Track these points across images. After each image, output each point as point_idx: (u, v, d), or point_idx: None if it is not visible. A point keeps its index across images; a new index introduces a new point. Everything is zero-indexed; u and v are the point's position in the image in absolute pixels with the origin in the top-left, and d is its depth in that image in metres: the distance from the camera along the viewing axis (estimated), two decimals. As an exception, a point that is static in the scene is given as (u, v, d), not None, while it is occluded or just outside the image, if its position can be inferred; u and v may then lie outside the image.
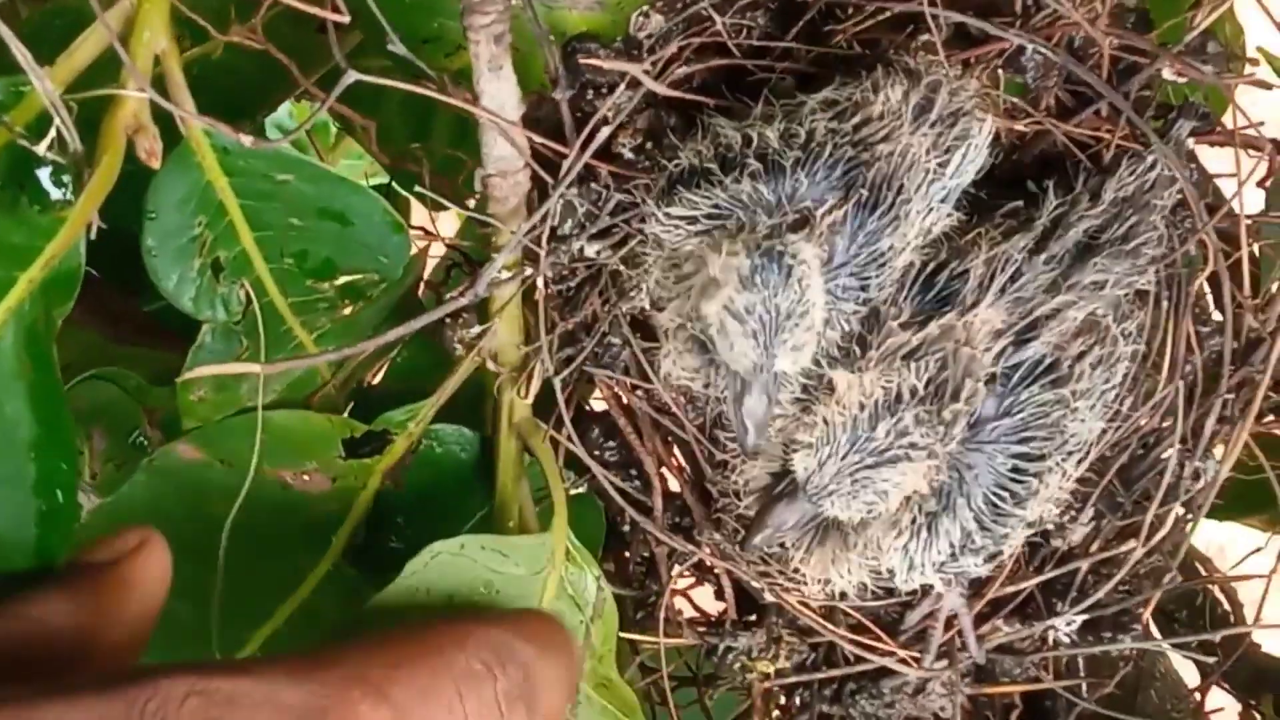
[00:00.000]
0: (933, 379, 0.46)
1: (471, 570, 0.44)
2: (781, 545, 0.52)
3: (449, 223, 0.81)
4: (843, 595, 0.53)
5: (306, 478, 0.50)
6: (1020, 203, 0.51)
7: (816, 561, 0.51)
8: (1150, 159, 0.52)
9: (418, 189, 0.52)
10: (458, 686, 0.32)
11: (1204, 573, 0.66)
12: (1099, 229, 0.50)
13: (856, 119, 0.48)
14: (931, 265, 0.48)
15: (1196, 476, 0.54)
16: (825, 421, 0.47)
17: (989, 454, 0.48)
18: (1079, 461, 0.50)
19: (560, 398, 0.51)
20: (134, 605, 0.38)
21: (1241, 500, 0.59)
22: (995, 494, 0.48)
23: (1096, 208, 0.51)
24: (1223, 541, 0.79)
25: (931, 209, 0.49)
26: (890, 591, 0.55)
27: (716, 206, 0.47)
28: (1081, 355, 0.49)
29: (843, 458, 0.46)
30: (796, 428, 0.48)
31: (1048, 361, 0.48)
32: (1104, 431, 0.53)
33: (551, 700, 0.35)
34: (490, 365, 0.51)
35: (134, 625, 0.38)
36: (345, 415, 0.52)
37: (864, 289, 0.47)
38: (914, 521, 0.48)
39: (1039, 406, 0.48)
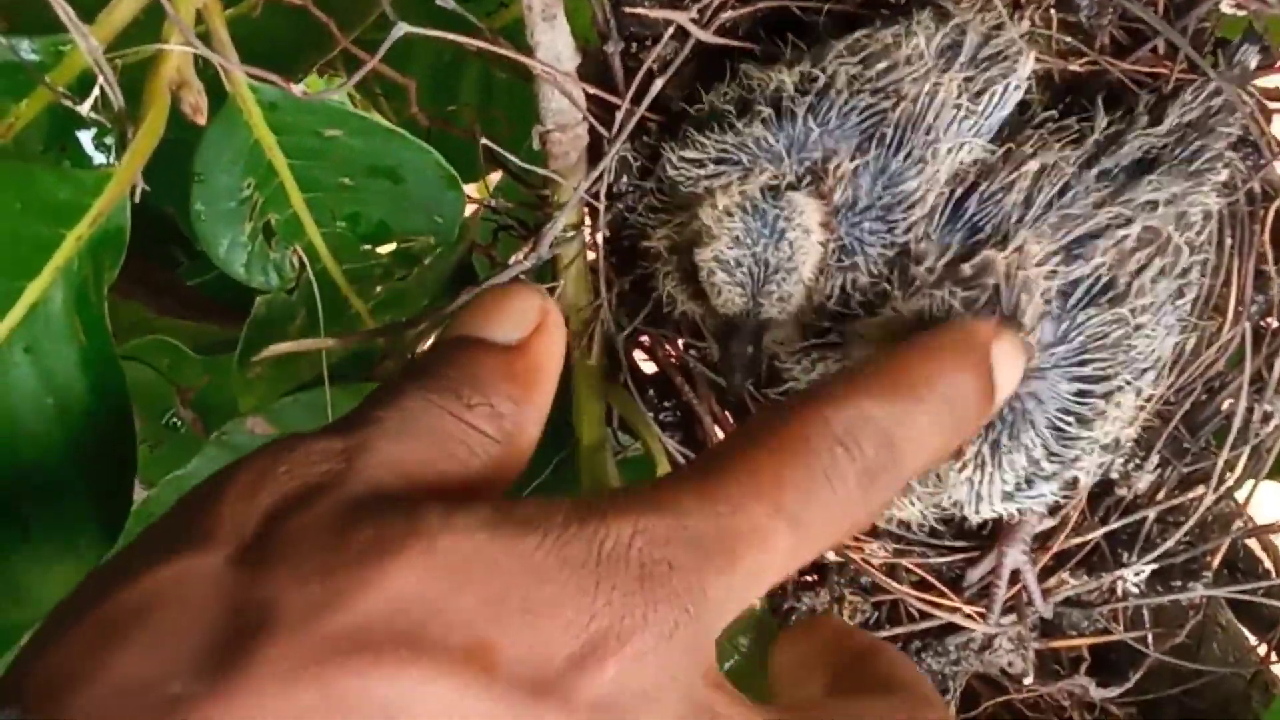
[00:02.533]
0: (968, 302, 0.45)
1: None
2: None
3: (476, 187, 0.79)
4: (906, 543, 0.52)
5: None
6: (1051, 113, 0.50)
7: None
8: (1214, 84, 0.51)
9: (483, 143, 0.50)
10: (829, 478, 0.29)
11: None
12: (1158, 148, 0.49)
13: (882, 64, 0.47)
14: (960, 190, 0.47)
15: (1266, 419, 0.53)
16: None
17: (1050, 380, 0.46)
18: (1157, 378, 0.49)
19: (622, 357, 0.50)
20: (539, 405, 0.32)
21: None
22: (1060, 419, 0.47)
23: (1158, 128, 0.50)
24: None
25: (963, 145, 0.48)
26: (954, 535, 0.54)
27: (724, 151, 0.47)
28: (1141, 269, 0.47)
29: None
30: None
31: (1103, 280, 0.46)
32: (1173, 365, 0.52)
33: (925, 448, 0.32)
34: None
35: (538, 430, 0.33)
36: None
37: (890, 231, 0.47)
38: (977, 453, 0.47)
39: (1098, 327, 0.46)
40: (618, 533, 0.27)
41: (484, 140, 0.52)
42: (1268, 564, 0.69)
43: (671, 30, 0.51)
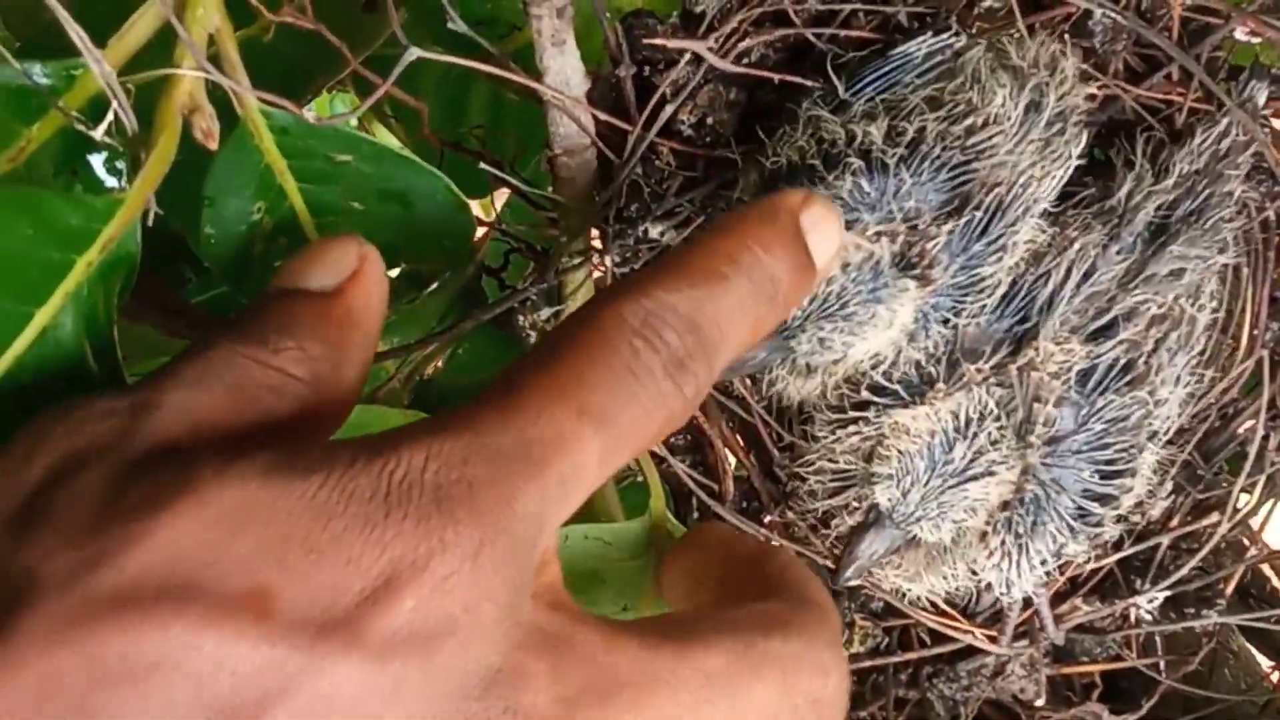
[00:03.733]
0: (1001, 401, 0.45)
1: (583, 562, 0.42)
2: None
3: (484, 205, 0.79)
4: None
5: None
6: (1091, 191, 0.50)
7: (900, 570, 0.49)
8: (1222, 124, 0.51)
9: (486, 168, 0.50)
10: (633, 372, 0.28)
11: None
12: (1170, 205, 0.49)
13: (967, 123, 0.46)
14: (1011, 278, 0.47)
15: (1281, 447, 0.53)
16: (900, 452, 0.46)
17: (1072, 466, 0.46)
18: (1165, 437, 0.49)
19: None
20: (358, 347, 0.32)
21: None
22: (1083, 506, 0.47)
23: (1164, 181, 0.49)
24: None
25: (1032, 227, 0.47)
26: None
27: None
28: (1158, 345, 0.47)
29: (926, 484, 0.45)
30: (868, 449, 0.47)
31: (1122, 362, 0.46)
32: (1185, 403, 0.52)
33: (735, 329, 0.30)
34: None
35: (358, 373, 0.32)
36: (407, 408, 0.51)
37: (956, 313, 0.46)
38: (1001, 543, 0.47)
39: (1118, 411, 0.46)
40: (409, 460, 0.25)
41: (491, 163, 0.52)
42: (1276, 583, 0.69)
43: (686, 58, 0.51)
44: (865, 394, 0.47)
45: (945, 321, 0.46)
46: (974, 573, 0.48)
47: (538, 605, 0.26)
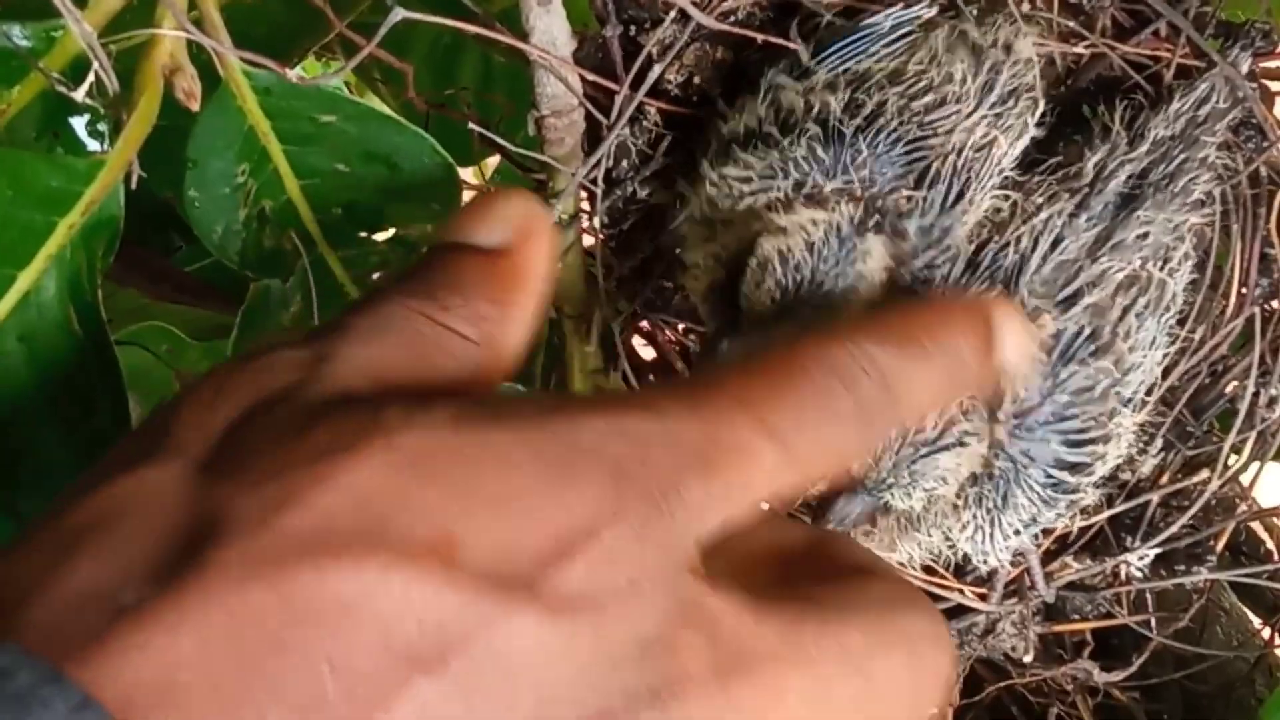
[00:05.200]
0: None
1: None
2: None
3: (472, 174, 0.79)
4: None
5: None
6: (1059, 158, 0.49)
7: (874, 538, 0.49)
8: (1202, 87, 0.50)
9: (474, 129, 0.49)
10: (823, 406, 0.29)
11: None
12: (1141, 173, 0.49)
13: (927, 99, 0.46)
14: (974, 245, 0.47)
15: (1272, 404, 0.53)
16: None
17: (1039, 437, 0.46)
18: (1144, 401, 0.49)
19: (619, 343, 0.50)
20: (525, 307, 0.31)
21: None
22: (1053, 473, 0.47)
23: (1138, 149, 0.49)
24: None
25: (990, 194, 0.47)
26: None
27: (770, 167, 0.46)
28: (1125, 311, 0.47)
29: (897, 451, 0.45)
30: None
31: (1088, 331, 0.46)
32: (1172, 362, 0.52)
33: (920, 398, 0.32)
34: (554, 315, 0.50)
35: (523, 335, 0.31)
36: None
37: (926, 282, 0.46)
38: (975, 518, 0.47)
39: (1083, 381, 0.46)
40: (593, 428, 0.26)
41: (479, 126, 0.52)
42: (1270, 546, 0.69)
43: (672, 15, 0.50)
44: None
45: (912, 291, 0.46)
46: (949, 541, 0.48)
47: (696, 581, 0.27)
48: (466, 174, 0.66)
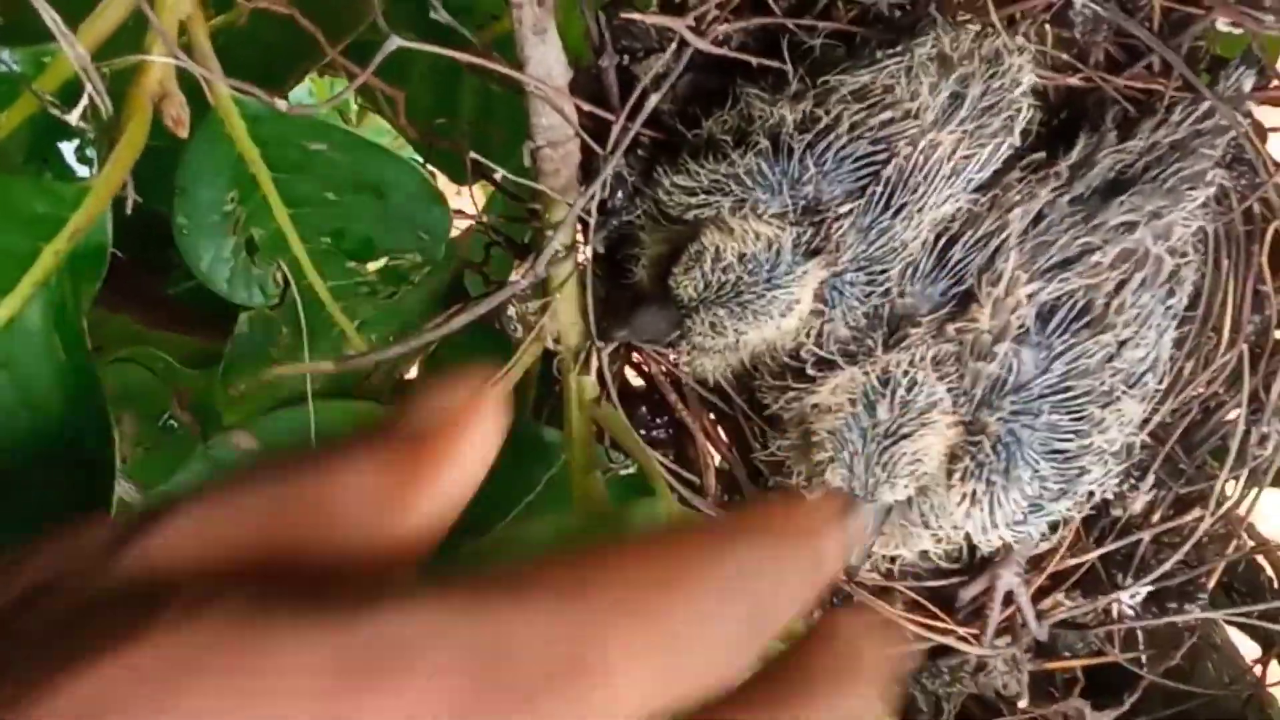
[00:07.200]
0: (944, 358, 0.46)
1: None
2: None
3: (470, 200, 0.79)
4: (899, 574, 0.52)
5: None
6: (1039, 156, 0.50)
7: (885, 540, 0.49)
8: (1207, 105, 0.50)
9: (465, 158, 0.49)
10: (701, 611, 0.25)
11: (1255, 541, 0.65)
12: (1127, 165, 0.49)
13: (886, 115, 0.46)
14: (944, 240, 0.47)
15: (1263, 441, 0.52)
16: (830, 433, 0.46)
17: (1036, 410, 0.46)
18: (1161, 377, 0.49)
19: (608, 374, 0.49)
20: (445, 486, 0.29)
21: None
22: (1054, 449, 0.46)
23: (1129, 143, 0.49)
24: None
25: (953, 199, 0.48)
26: (944, 570, 0.54)
27: (716, 181, 0.46)
28: (1120, 285, 0.47)
29: (864, 451, 0.45)
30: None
31: (1080, 304, 0.46)
32: (1165, 395, 0.52)
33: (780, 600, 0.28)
34: (552, 346, 0.49)
35: (436, 515, 0.29)
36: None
37: (870, 284, 0.46)
38: (974, 492, 0.47)
39: (1078, 353, 0.46)
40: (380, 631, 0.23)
41: (473, 155, 0.51)
42: (1270, 574, 0.68)
43: (670, 44, 0.50)
44: (806, 363, 0.47)
45: (864, 296, 0.46)
46: (956, 525, 0.47)
47: None
48: (465, 199, 0.66)
